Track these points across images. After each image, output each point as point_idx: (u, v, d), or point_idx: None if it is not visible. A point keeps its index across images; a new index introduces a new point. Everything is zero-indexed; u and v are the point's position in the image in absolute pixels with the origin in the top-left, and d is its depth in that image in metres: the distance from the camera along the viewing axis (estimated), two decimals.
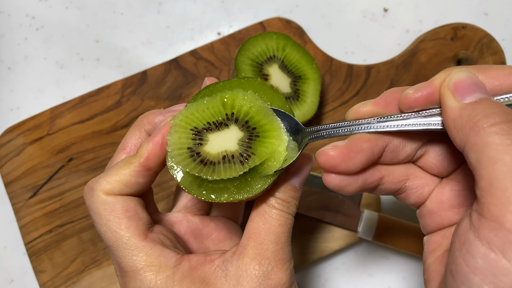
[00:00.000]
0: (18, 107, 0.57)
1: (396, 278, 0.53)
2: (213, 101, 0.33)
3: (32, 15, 0.59)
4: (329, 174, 0.30)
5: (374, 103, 0.31)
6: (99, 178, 0.33)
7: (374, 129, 0.30)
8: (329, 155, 0.29)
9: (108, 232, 0.31)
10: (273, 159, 0.31)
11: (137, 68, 0.57)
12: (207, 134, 0.32)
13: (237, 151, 0.32)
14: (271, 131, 0.32)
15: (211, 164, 0.31)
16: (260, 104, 0.33)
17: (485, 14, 0.59)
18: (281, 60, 0.50)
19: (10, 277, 0.54)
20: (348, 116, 0.31)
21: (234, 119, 0.33)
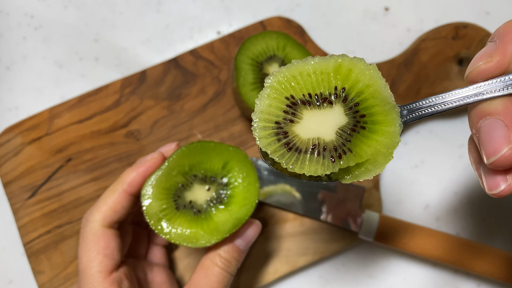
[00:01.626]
0: (17, 107, 0.57)
1: (397, 279, 0.53)
2: (324, 64, 0.26)
3: (30, 14, 0.59)
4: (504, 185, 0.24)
5: (498, 53, 0.24)
6: (93, 210, 0.39)
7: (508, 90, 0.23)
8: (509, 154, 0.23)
9: (84, 258, 0.37)
10: (374, 163, 0.25)
11: (136, 68, 0.57)
12: (303, 109, 0.26)
13: (332, 142, 0.25)
14: (383, 124, 0.25)
15: (296, 151, 0.25)
16: (380, 85, 0.25)
17: (486, 13, 0.58)
18: (281, 59, 0.49)
19: (9, 278, 0.53)
20: (472, 77, 0.25)
21: (343, 97, 0.26)
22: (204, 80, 0.54)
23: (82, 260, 0.38)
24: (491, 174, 0.24)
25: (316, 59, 0.26)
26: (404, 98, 0.54)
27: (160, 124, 0.53)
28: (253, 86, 0.48)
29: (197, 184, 0.40)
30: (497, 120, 0.23)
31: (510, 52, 0.24)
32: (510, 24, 0.25)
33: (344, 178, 0.25)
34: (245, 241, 0.39)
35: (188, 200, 0.39)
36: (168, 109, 0.54)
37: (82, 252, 0.38)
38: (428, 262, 0.53)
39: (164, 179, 0.39)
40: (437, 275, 0.53)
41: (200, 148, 0.39)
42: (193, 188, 0.40)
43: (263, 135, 0.25)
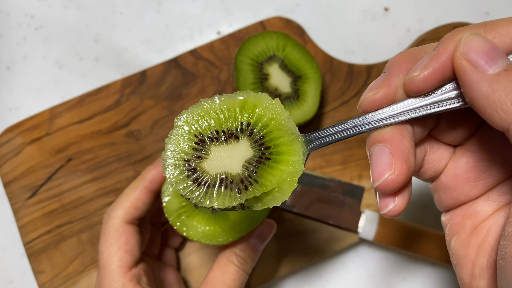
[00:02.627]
0: (17, 107, 0.57)
1: (397, 278, 0.53)
2: (230, 102, 0.27)
3: (31, 14, 0.59)
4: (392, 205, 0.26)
5: (384, 85, 0.26)
6: (114, 206, 0.40)
7: (395, 119, 0.25)
8: (391, 179, 0.25)
9: (105, 253, 0.38)
10: (280, 191, 0.26)
11: (137, 68, 0.57)
12: (211, 145, 0.27)
13: (239, 175, 0.27)
14: (286, 154, 0.27)
15: (204, 186, 0.27)
16: (284, 117, 0.27)
17: (486, 14, 0.58)
18: (281, 59, 0.49)
19: (9, 277, 0.53)
20: (364, 106, 0.27)
21: (248, 131, 0.27)
22: (204, 80, 0.54)
23: (103, 255, 0.38)
24: (382, 195, 0.26)
25: (223, 97, 0.27)
26: None
27: (161, 124, 0.53)
28: (253, 86, 0.48)
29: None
30: (383, 147, 0.25)
31: (394, 84, 0.26)
32: (399, 56, 0.26)
33: (254, 206, 0.26)
34: (261, 240, 0.40)
35: None
36: (168, 109, 0.54)
37: (103, 247, 0.38)
38: (428, 262, 0.53)
39: None
40: (437, 275, 0.53)
41: None
42: None
43: (172, 173, 0.27)
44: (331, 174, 0.52)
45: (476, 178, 0.28)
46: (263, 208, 0.27)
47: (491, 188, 0.28)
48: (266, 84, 0.48)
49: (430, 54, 0.25)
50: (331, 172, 0.53)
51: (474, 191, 0.28)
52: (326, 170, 0.53)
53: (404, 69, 0.26)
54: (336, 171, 0.53)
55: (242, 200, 0.26)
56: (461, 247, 0.28)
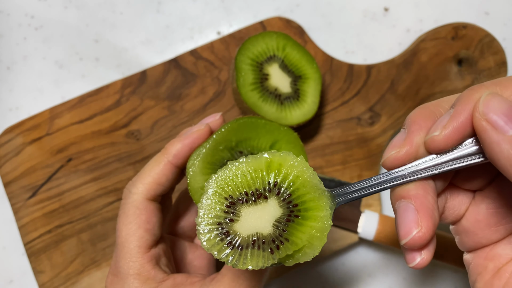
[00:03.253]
0: (17, 107, 0.57)
1: (396, 278, 0.53)
2: (256, 163, 0.28)
3: (31, 14, 0.59)
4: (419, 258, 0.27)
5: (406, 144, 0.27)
6: (136, 181, 0.37)
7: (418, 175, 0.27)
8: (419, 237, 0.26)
9: (123, 231, 0.35)
10: (310, 247, 0.27)
11: (137, 68, 0.57)
12: (241, 207, 0.28)
13: (270, 235, 0.28)
14: (314, 210, 0.27)
15: (238, 248, 0.27)
16: (309, 174, 0.28)
17: (486, 14, 0.58)
18: (281, 59, 0.50)
19: (9, 277, 0.53)
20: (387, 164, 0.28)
21: (276, 190, 0.28)
22: (204, 80, 0.54)
23: (121, 233, 0.36)
24: (408, 249, 0.27)
25: (249, 158, 0.28)
26: (404, 98, 0.54)
27: (161, 124, 0.53)
28: (253, 86, 0.48)
29: None
30: (408, 204, 0.26)
31: (416, 143, 0.27)
32: (417, 113, 0.28)
33: (286, 262, 0.27)
34: None
35: None
36: (168, 109, 0.54)
37: (122, 225, 0.36)
38: None
39: (210, 153, 0.37)
40: (436, 275, 0.53)
41: (250, 124, 0.37)
42: None
43: (207, 237, 0.27)
44: (331, 174, 0.53)
45: (497, 223, 0.29)
46: (295, 263, 0.27)
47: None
48: (266, 84, 0.48)
49: (449, 113, 0.26)
50: (331, 172, 0.53)
51: (496, 235, 0.29)
52: (326, 170, 0.53)
53: (424, 127, 0.27)
54: (336, 171, 0.53)
55: (275, 259, 0.27)
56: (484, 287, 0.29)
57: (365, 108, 0.54)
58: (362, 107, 0.54)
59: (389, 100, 0.54)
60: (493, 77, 0.54)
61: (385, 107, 0.54)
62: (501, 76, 0.54)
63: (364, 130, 0.53)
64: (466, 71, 0.54)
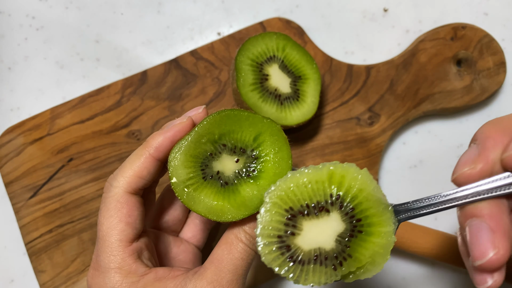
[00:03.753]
0: (18, 107, 0.57)
1: (396, 278, 0.53)
2: (318, 174, 0.27)
3: (32, 15, 0.59)
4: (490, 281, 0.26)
5: (481, 160, 0.26)
6: (116, 175, 0.36)
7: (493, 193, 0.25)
8: (495, 259, 0.25)
9: (104, 225, 0.35)
10: (373, 263, 0.26)
11: (137, 68, 0.57)
12: (302, 220, 0.27)
13: (333, 251, 0.27)
14: (377, 225, 0.27)
15: (299, 263, 0.26)
16: (373, 188, 0.27)
17: (485, 14, 0.59)
18: (281, 60, 0.50)
19: (10, 277, 0.54)
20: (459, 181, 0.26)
21: (338, 203, 0.27)
22: (204, 80, 0.55)
23: (102, 227, 0.35)
24: (478, 271, 0.26)
25: (310, 169, 0.27)
26: (403, 98, 0.54)
27: (161, 124, 0.54)
28: (253, 86, 0.48)
29: (226, 154, 0.37)
30: (482, 223, 0.25)
31: (492, 159, 0.25)
32: (491, 128, 0.26)
33: (347, 278, 0.26)
34: None
35: (215, 170, 0.36)
36: (169, 109, 0.54)
37: (103, 219, 0.35)
38: (427, 261, 0.53)
39: (193, 146, 0.36)
40: (436, 275, 0.53)
41: (232, 116, 0.36)
42: (222, 158, 0.37)
43: (267, 251, 0.26)
44: None
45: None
46: (356, 279, 0.26)
47: None
48: (266, 84, 0.49)
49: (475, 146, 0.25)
50: None
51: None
52: None
53: (500, 142, 0.26)
54: None
55: (338, 277, 0.26)
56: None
57: (364, 108, 0.54)
58: (361, 107, 0.54)
59: (389, 100, 0.54)
60: (492, 77, 0.54)
61: (385, 107, 0.54)
62: (500, 76, 0.54)
63: (363, 130, 0.54)
64: (465, 72, 0.54)
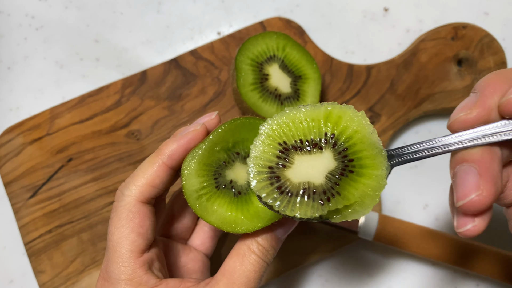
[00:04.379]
0: (18, 107, 0.57)
1: (396, 278, 0.53)
2: (315, 111, 0.28)
3: (31, 15, 0.59)
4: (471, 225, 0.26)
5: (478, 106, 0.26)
6: (129, 183, 0.35)
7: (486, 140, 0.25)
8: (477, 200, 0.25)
9: (115, 235, 0.34)
10: (361, 204, 0.26)
11: (137, 68, 0.57)
12: (294, 154, 0.28)
13: (321, 186, 0.27)
14: (369, 168, 0.27)
15: (287, 194, 0.27)
16: (368, 131, 0.27)
17: (485, 14, 0.59)
18: (281, 59, 0.50)
19: (10, 277, 0.53)
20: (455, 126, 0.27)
21: (332, 142, 0.28)
22: (204, 80, 0.54)
23: (113, 237, 0.35)
24: (460, 214, 0.26)
25: (308, 107, 0.28)
26: (404, 98, 0.54)
27: (161, 124, 0.54)
28: (253, 86, 0.48)
29: (239, 163, 0.36)
30: (471, 168, 0.25)
31: (489, 105, 0.25)
32: (492, 77, 0.26)
33: (333, 218, 0.26)
34: (285, 230, 0.36)
35: (228, 179, 0.36)
36: (168, 109, 0.54)
37: (114, 228, 0.35)
38: (427, 262, 0.53)
39: (207, 154, 0.35)
40: (436, 275, 0.53)
41: (247, 125, 0.36)
42: (235, 167, 0.36)
43: (257, 179, 0.27)
44: None
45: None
46: (342, 220, 0.26)
47: None
48: (266, 84, 0.49)
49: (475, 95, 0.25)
50: None
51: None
52: None
53: (499, 90, 0.26)
54: None
55: (325, 211, 0.26)
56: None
57: (365, 108, 0.54)
58: (362, 107, 0.54)
59: (389, 100, 0.54)
60: None
61: (385, 107, 0.54)
62: None
63: None
64: (466, 71, 0.54)
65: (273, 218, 0.33)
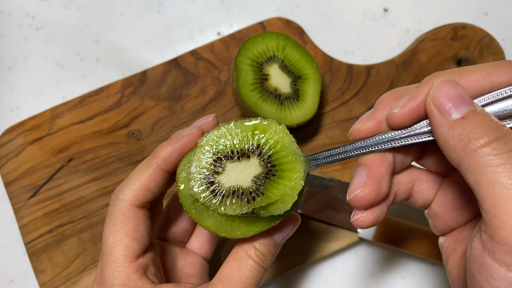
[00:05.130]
0: (18, 107, 0.57)
1: (396, 278, 0.53)
2: (244, 126, 0.33)
3: (32, 15, 0.59)
4: (360, 215, 0.30)
5: (371, 118, 0.31)
6: (123, 187, 0.35)
7: (377, 147, 0.30)
8: (361, 196, 0.30)
9: (110, 239, 0.34)
10: (283, 202, 0.31)
11: (137, 68, 0.57)
12: (226, 163, 0.32)
13: (248, 188, 0.32)
14: (289, 171, 0.31)
15: (220, 195, 0.32)
16: (288, 141, 0.32)
17: (485, 14, 0.59)
18: (281, 60, 0.50)
19: (10, 277, 0.54)
20: (353, 135, 0.31)
21: (258, 151, 0.32)
22: (204, 80, 0.55)
23: (107, 241, 0.34)
24: (355, 208, 0.31)
25: (238, 122, 0.33)
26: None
27: (161, 124, 0.54)
28: (253, 86, 0.48)
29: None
30: (362, 169, 0.30)
31: (379, 118, 0.30)
32: (386, 94, 0.31)
33: (261, 213, 0.31)
34: (283, 235, 0.36)
35: None
36: (168, 109, 0.54)
37: (109, 233, 0.34)
38: (427, 261, 0.53)
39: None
40: (436, 274, 0.53)
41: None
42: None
43: (195, 185, 0.32)
44: (331, 174, 0.53)
45: (462, 207, 0.32)
46: (268, 215, 0.31)
47: (476, 215, 0.31)
48: (266, 84, 0.49)
49: (410, 94, 0.29)
50: (330, 172, 0.53)
51: (462, 218, 0.32)
52: (326, 170, 0.53)
53: (389, 106, 0.30)
54: (335, 171, 0.53)
55: (250, 208, 0.31)
56: (453, 269, 0.31)
57: (364, 108, 0.54)
58: (361, 107, 0.54)
59: None
60: None
61: None
62: None
63: None
64: None
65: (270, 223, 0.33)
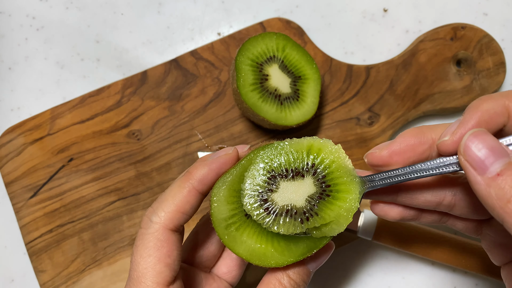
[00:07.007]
0: (19, 107, 0.57)
1: (395, 278, 0.53)
2: (299, 145, 0.33)
3: (32, 15, 0.59)
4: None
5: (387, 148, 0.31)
6: (157, 209, 0.33)
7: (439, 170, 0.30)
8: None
9: (141, 265, 0.32)
10: (337, 223, 0.31)
11: (138, 68, 0.57)
12: (280, 181, 0.32)
13: (302, 208, 0.32)
14: (344, 192, 0.31)
15: (273, 214, 0.32)
16: (344, 161, 0.32)
17: (484, 14, 0.59)
18: (281, 60, 0.50)
19: (11, 277, 0.54)
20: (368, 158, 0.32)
21: (312, 171, 0.32)
22: (204, 80, 0.55)
23: (137, 267, 0.32)
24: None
25: (293, 141, 0.33)
26: (403, 98, 0.54)
27: (161, 124, 0.54)
28: (253, 86, 0.48)
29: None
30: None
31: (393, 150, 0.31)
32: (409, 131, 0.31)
33: (313, 233, 0.31)
34: (317, 263, 0.35)
35: None
36: (169, 110, 0.54)
37: (139, 257, 0.32)
38: (426, 261, 0.53)
39: (237, 180, 0.34)
40: (435, 274, 0.53)
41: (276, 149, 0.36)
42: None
43: (248, 202, 0.32)
44: None
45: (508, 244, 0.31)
46: (321, 236, 0.31)
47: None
48: (266, 84, 0.49)
49: (458, 120, 0.28)
50: None
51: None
52: None
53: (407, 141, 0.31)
54: None
55: (303, 229, 0.31)
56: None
57: (364, 108, 0.54)
58: (361, 107, 0.54)
59: (388, 101, 0.54)
60: (491, 77, 0.54)
61: (384, 107, 0.54)
62: (500, 76, 0.54)
63: (363, 130, 0.54)
64: (464, 72, 0.54)
65: (305, 253, 0.32)
